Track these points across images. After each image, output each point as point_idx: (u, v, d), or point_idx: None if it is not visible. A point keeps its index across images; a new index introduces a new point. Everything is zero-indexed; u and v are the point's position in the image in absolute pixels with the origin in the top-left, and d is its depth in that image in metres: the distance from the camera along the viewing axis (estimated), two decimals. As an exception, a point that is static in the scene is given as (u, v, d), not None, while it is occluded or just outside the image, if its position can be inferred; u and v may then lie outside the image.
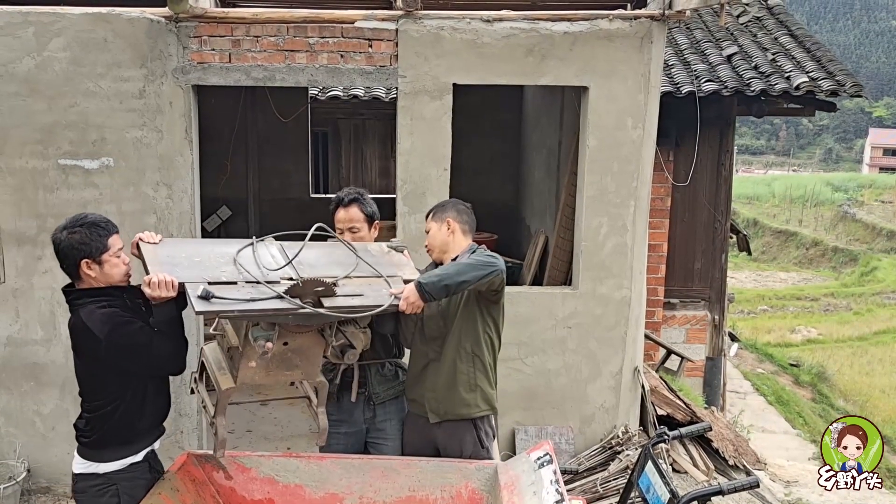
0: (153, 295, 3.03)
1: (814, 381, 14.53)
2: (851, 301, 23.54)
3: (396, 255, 3.72)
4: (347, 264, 3.44)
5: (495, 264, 3.58)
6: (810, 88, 8.26)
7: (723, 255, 9.41)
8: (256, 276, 3.13)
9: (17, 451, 5.58)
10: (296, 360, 3.25)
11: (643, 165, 5.72)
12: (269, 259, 3.30)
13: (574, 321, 5.83)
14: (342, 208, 3.91)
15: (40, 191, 5.41)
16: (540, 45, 5.47)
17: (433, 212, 3.95)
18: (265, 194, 9.93)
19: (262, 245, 3.40)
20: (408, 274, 3.54)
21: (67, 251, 3.13)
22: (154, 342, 3.11)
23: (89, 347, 3.10)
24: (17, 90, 5.29)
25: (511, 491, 3.31)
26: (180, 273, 3.07)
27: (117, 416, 3.18)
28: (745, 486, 3.84)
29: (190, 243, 3.64)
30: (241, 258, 3.25)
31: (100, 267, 3.15)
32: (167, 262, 3.14)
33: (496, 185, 10.25)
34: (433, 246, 3.87)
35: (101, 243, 3.15)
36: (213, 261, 3.21)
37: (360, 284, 3.35)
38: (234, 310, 2.95)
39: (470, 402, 3.76)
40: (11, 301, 5.50)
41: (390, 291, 3.36)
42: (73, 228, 3.14)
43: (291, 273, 3.23)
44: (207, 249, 3.31)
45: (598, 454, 5.84)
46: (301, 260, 3.32)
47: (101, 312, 3.08)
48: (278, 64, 5.41)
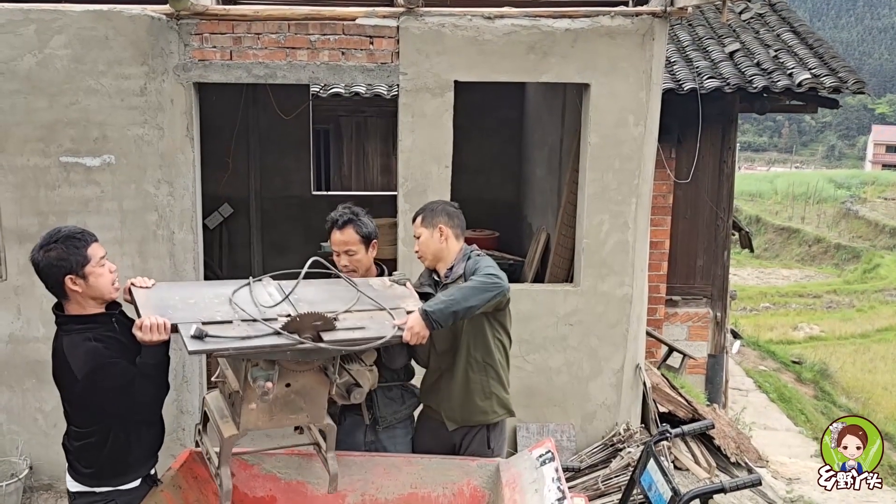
0: (144, 339, 2.92)
1: (816, 379, 14.52)
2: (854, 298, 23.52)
3: (399, 287, 3.61)
4: (348, 299, 3.33)
5: (500, 284, 3.47)
6: (813, 85, 8.25)
7: (725, 253, 9.40)
8: (253, 314, 3.03)
9: (19, 449, 5.59)
10: (300, 402, 3.14)
11: (645, 162, 5.71)
12: (267, 297, 3.22)
13: (575, 318, 5.83)
14: (336, 230, 3.77)
15: (42, 188, 5.41)
16: (541, 42, 5.46)
17: (422, 216, 3.81)
18: (267, 192, 9.92)
19: (258, 284, 3.32)
20: (411, 305, 3.43)
21: (48, 270, 3.00)
22: (135, 386, 3.00)
23: (66, 381, 3.02)
24: (19, 88, 5.29)
25: (513, 488, 3.31)
26: (173, 315, 2.98)
27: (106, 450, 3.09)
28: (747, 483, 3.84)
29: (184, 286, 3.59)
30: (237, 298, 3.15)
31: (84, 280, 3.02)
32: (160, 306, 3.04)
33: (497, 183, 10.24)
34: (425, 254, 3.78)
35: (80, 255, 3.01)
36: (208, 302, 3.12)
37: (361, 318, 3.23)
38: (229, 348, 2.85)
39: (486, 409, 3.75)
40: (13, 298, 5.51)
41: (393, 323, 3.24)
42: (48, 246, 3.00)
43: (289, 310, 3.12)
44: (203, 291, 3.24)
45: (600, 451, 5.84)
46: (300, 297, 3.23)
47: (84, 349, 2.97)
48: (279, 61, 5.41)
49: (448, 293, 3.42)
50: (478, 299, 3.38)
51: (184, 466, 3.48)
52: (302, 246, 9.66)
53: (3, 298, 5.51)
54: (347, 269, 3.73)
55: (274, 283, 3.38)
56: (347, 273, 3.72)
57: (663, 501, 3.72)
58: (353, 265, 3.75)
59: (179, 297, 3.14)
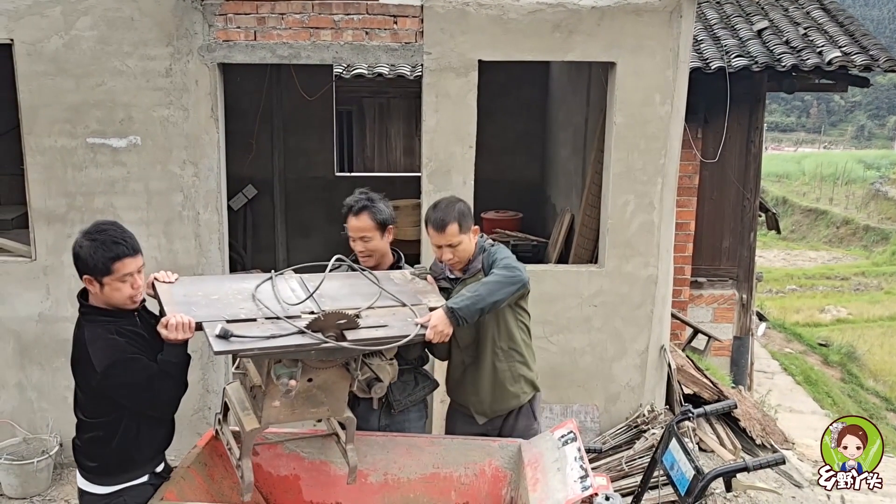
0: (170, 337, 2.91)
1: (843, 361, 14.37)
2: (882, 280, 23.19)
3: (420, 282, 3.60)
4: (370, 294, 3.33)
5: (521, 277, 3.48)
6: (843, 63, 8.11)
7: (751, 234, 9.30)
8: (276, 311, 3.04)
9: (49, 426, 5.68)
10: (321, 396, 3.15)
11: (671, 142, 5.65)
12: (289, 293, 3.22)
13: (600, 299, 5.80)
14: (352, 216, 3.73)
15: (69, 169, 5.46)
16: (567, 20, 5.40)
17: (456, 223, 3.59)
18: (290, 173, 9.95)
19: (281, 279, 3.32)
20: (433, 301, 3.41)
21: (76, 260, 2.98)
22: (155, 384, 2.97)
23: (84, 372, 2.99)
24: (46, 69, 5.33)
25: (535, 468, 3.31)
26: (197, 312, 2.99)
27: (114, 444, 3.05)
28: (770, 462, 3.81)
29: (207, 281, 3.56)
30: (259, 294, 3.16)
31: (100, 287, 2.96)
32: (183, 302, 3.05)
33: (522, 164, 10.20)
34: (462, 260, 3.67)
35: (103, 265, 2.93)
36: (231, 298, 3.13)
37: (383, 315, 3.22)
38: (254, 348, 2.85)
39: (518, 392, 3.77)
40: (42, 279, 5.58)
41: (416, 320, 3.23)
42: (87, 238, 2.95)
43: (312, 307, 3.13)
44: (226, 286, 3.25)
45: (624, 433, 5.83)
46: (322, 293, 3.23)
47: (106, 341, 2.93)
48: (303, 41, 5.40)
49: (472, 289, 3.39)
50: (502, 293, 3.39)
51: (209, 444, 3.53)
52: (325, 227, 9.71)
53: (32, 278, 5.58)
54: (363, 255, 3.74)
55: (296, 276, 3.38)
56: (363, 258, 3.73)
57: (686, 480, 3.71)
58: (368, 251, 3.74)
59: (202, 293, 3.14)
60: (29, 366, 5.70)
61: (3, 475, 5.42)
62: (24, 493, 5.40)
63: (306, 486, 3.65)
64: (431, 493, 3.60)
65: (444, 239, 3.59)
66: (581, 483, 3.01)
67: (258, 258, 9.71)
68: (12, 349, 5.68)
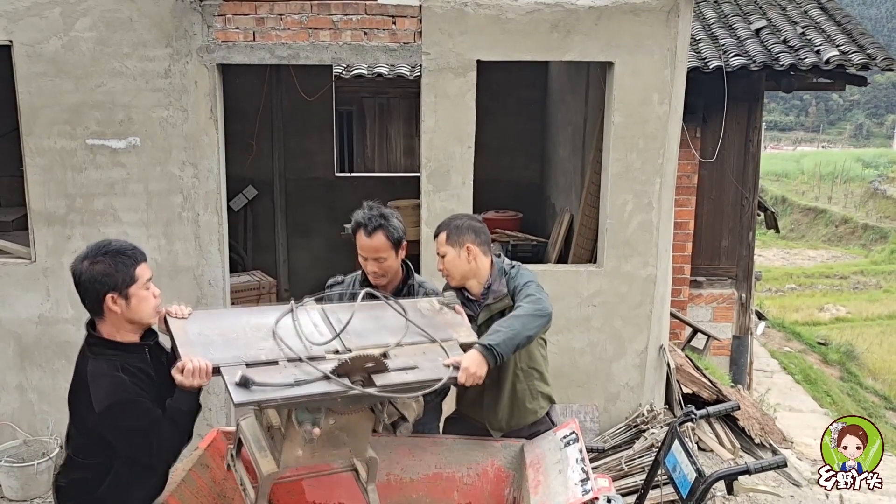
0: (185, 383, 2.70)
1: (842, 360, 14.38)
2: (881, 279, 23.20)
3: (449, 313, 3.38)
4: (397, 329, 3.11)
5: (549, 309, 3.37)
6: (840, 62, 8.12)
7: (750, 233, 9.31)
8: (299, 351, 2.85)
9: (50, 428, 5.68)
10: (343, 437, 2.96)
11: (669, 142, 5.66)
12: (312, 328, 3.02)
13: (599, 299, 5.81)
14: (365, 236, 3.52)
15: (69, 171, 5.46)
16: (565, 20, 5.41)
17: (446, 232, 3.58)
18: (290, 174, 9.94)
19: (302, 311, 3.11)
20: (464, 336, 3.23)
21: (89, 284, 2.73)
22: (156, 432, 2.74)
23: (81, 409, 2.77)
24: (45, 70, 5.33)
25: (537, 469, 3.31)
26: (214, 354, 2.78)
27: (102, 489, 2.82)
28: (771, 465, 3.81)
29: (223, 315, 3.28)
30: (280, 330, 2.95)
31: (126, 302, 2.76)
32: (199, 342, 2.82)
33: (521, 163, 10.20)
34: (452, 275, 3.58)
35: (127, 274, 2.75)
36: (250, 336, 2.92)
37: (413, 354, 3.02)
38: (277, 398, 2.67)
39: (535, 408, 3.72)
40: (42, 280, 5.58)
41: (447, 361, 3.05)
42: (94, 258, 2.74)
43: (337, 345, 2.94)
44: (243, 321, 3.01)
45: (623, 432, 5.83)
46: (344, 323, 3.05)
47: (109, 378, 2.71)
48: (302, 42, 5.40)
49: (506, 325, 3.26)
50: (535, 327, 3.30)
51: (211, 446, 3.52)
52: (325, 227, 9.72)
53: (32, 280, 5.59)
54: (376, 276, 3.58)
55: (318, 307, 3.18)
56: (375, 279, 3.59)
57: (687, 482, 3.71)
58: (381, 271, 3.57)
59: (219, 331, 2.92)
60: (29, 368, 5.70)
61: (3, 477, 5.41)
62: (24, 495, 5.40)
63: (309, 486, 3.64)
64: (434, 493, 3.60)
65: (436, 247, 3.59)
66: (582, 486, 3.01)
67: (258, 259, 9.71)
68: (13, 351, 5.68)
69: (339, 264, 9.47)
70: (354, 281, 3.76)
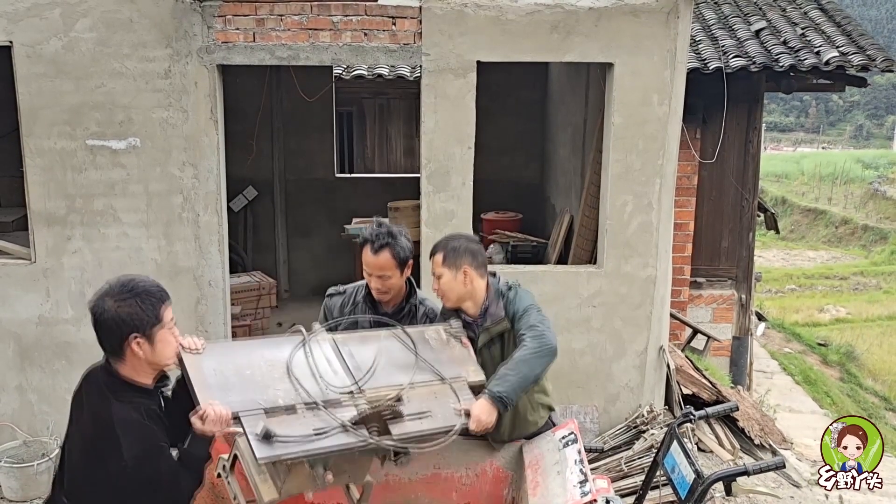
0: (205, 431, 2.63)
1: (842, 361, 14.37)
2: (881, 280, 23.19)
3: (456, 345, 3.43)
4: (407, 365, 3.17)
5: (553, 343, 3.33)
6: (840, 63, 8.12)
7: (750, 234, 9.31)
8: (314, 393, 2.88)
9: (49, 429, 5.68)
10: (344, 465, 2.98)
11: (669, 143, 5.66)
12: (325, 364, 3.05)
13: (599, 300, 5.81)
14: (371, 252, 3.52)
15: (69, 171, 5.46)
16: (564, 21, 5.41)
17: (443, 254, 3.53)
18: (290, 174, 9.94)
19: (315, 344, 3.12)
20: (472, 375, 3.28)
21: (114, 325, 2.59)
22: (177, 481, 2.66)
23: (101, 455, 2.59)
24: (45, 71, 5.33)
25: (535, 470, 3.31)
26: (233, 399, 2.74)
27: None
28: (770, 466, 3.82)
29: (237, 349, 3.18)
30: (295, 367, 2.97)
31: (150, 344, 2.63)
32: (217, 385, 2.78)
33: (521, 164, 10.20)
34: (448, 297, 3.55)
35: (154, 315, 2.63)
36: (266, 374, 2.91)
37: (424, 397, 3.08)
38: (298, 452, 2.70)
39: (536, 420, 3.70)
40: (42, 281, 5.58)
41: (459, 407, 3.13)
42: (122, 297, 2.60)
43: (348, 380, 3.01)
44: (257, 357, 2.99)
45: (623, 433, 5.84)
46: (357, 359, 3.10)
47: (138, 427, 2.58)
48: (302, 43, 5.41)
49: (514, 370, 3.25)
50: (541, 368, 3.32)
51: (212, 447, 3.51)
52: (325, 228, 9.73)
53: (32, 280, 5.59)
54: (379, 292, 3.60)
55: (328, 339, 3.20)
56: (378, 295, 3.61)
57: (686, 484, 3.71)
58: (385, 288, 3.59)
59: (234, 369, 2.89)
60: (29, 368, 5.70)
61: (3, 478, 5.42)
62: (24, 496, 5.40)
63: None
64: (433, 493, 3.60)
65: (431, 266, 3.55)
66: (580, 488, 3.02)
67: (258, 259, 9.71)
68: (12, 351, 5.68)
69: (339, 265, 9.54)
70: (356, 292, 3.76)
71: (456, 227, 5.62)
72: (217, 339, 5.67)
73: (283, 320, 8.69)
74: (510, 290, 3.59)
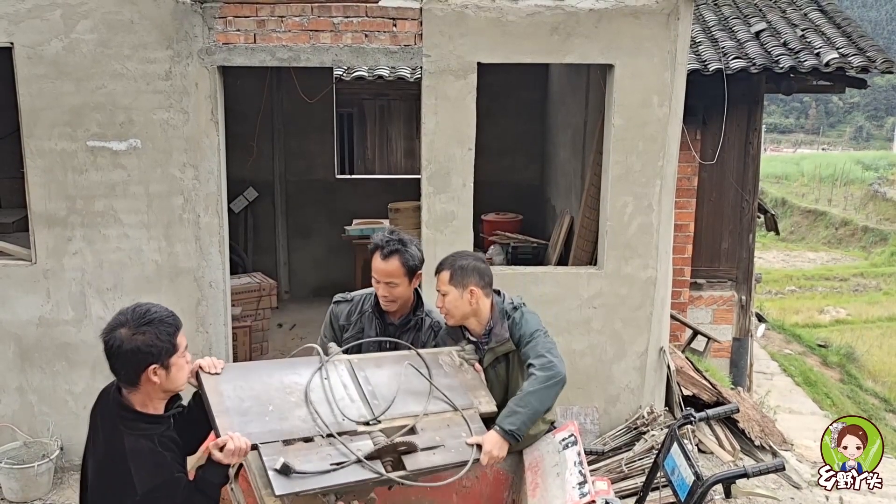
0: (223, 461, 2.64)
1: (842, 362, 14.38)
2: (881, 281, 23.20)
3: (469, 371, 3.44)
4: (421, 393, 3.20)
5: (562, 372, 3.38)
6: (840, 65, 8.12)
7: (750, 235, 9.31)
8: (330, 423, 2.91)
9: (50, 430, 5.69)
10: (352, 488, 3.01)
11: (669, 144, 5.66)
12: (342, 391, 3.08)
13: (599, 301, 5.81)
14: (380, 258, 3.50)
15: (69, 172, 5.47)
16: (565, 22, 5.42)
17: (450, 272, 3.50)
18: (291, 175, 9.95)
19: (331, 366, 3.16)
20: (483, 405, 3.30)
21: (131, 356, 2.57)
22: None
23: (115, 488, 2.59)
24: (46, 72, 5.34)
25: (535, 472, 3.32)
26: (252, 428, 2.76)
27: None
28: (770, 468, 3.81)
29: (254, 372, 3.12)
30: (312, 394, 3.00)
31: (167, 372, 2.63)
32: (234, 410, 2.80)
33: (521, 165, 10.21)
34: (452, 315, 3.53)
35: (170, 344, 2.63)
36: (283, 400, 2.94)
37: (437, 427, 3.12)
38: (315, 487, 2.74)
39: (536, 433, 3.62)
40: (42, 282, 5.59)
41: (470, 440, 3.17)
42: (138, 328, 2.58)
43: (364, 409, 3.03)
44: (275, 381, 3.01)
45: (624, 434, 5.84)
46: (373, 385, 3.13)
47: (151, 456, 2.57)
48: (303, 44, 5.41)
49: (524, 403, 3.29)
50: (551, 399, 3.37)
51: (211, 447, 3.52)
52: (326, 229, 9.73)
53: (32, 282, 5.59)
54: (386, 300, 3.58)
55: (345, 361, 3.23)
56: (385, 303, 3.59)
57: (686, 486, 3.72)
58: (392, 296, 3.56)
59: (253, 394, 2.90)
60: (29, 369, 5.70)
61: (3, 479, 5.42)
62: (24, 497, 5.41)
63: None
64: (432, 496, 3.59)
65: (437, 283, 3.52)
66: (579, 490, 3.03)
67: (259, 260, 9.71)
68: (13, 353, 5.68)
69: (339, 266, 9.54)
70: (363, 300, 3.74)
71: (456, 228, 5.63)
72: (217, 339, 5.68)
73: (284, 321, 8.70)
74: (515, 310, 3.57)
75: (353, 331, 3.67)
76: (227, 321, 5.82)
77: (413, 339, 3.67)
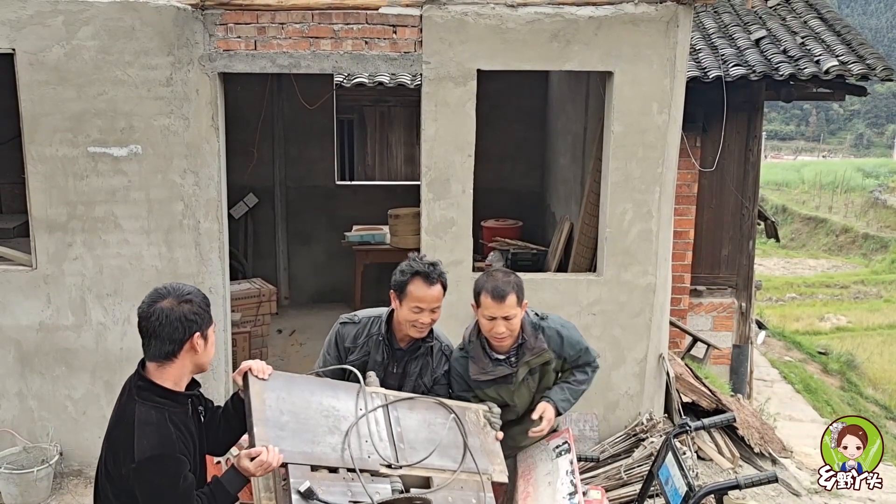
0: (251, 471, 2.67)
1: (842, 370, 14.36)
2: (882, 289, 23.18)
3: (491, 434, 3.44)
4: (445, 445, 3.21)
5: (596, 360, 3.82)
6: (840, 72, 8.14)
7: (750, 242, 9.31)
8: (356, 457, 2.94)
9: (49, 435, 5.69)
10: None
11: (669, 151, 5.68)
12: (374, 427, 3.11)
13: (598, 308, 5.82)
14: (427, 285, 3.41)
15: (70, 178, 5.48)
16: (564, 29, 5.44)
17: (516, 295, 3.42)
18: (291, 182, 9.96)
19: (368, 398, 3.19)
20: (497, 475, 3.29)
21: (178, 323, 2.59)
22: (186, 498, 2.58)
23: (117, 455, 2.58)
24: (47, 78, 5.36)
25: (527, 480, 3.32)
26: (285, 444, 2.80)
27: None
28: (762, 480, 3.78)
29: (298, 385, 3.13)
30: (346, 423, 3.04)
31: (205, 343, 2.67)
32: (273, 422, 2.84)
33: (521, 172, 10.22)
34: (514, 338, 3.51)
35: (209, 316, 2.70)
36: (319, 424, 2.99)
37: (452, 485, 3.11)
38: None
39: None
40: (42, 287, 5.59)
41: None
42: (180, 298, 2.62)
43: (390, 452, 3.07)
44: (315, 401, 3.06)
45: (623, 441, 5.83)
46: (402, 428, 3.16)
47: (157, 428, 2.55)
48: (303, 51, 5.43)
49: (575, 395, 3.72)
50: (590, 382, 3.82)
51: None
52: (326, 235, 9.74)
53: (33, 287, 5.60)
54: (422, 328, 3.49)
55: (381, 393, 3.27)
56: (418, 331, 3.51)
57: (679, 496, 3.71)
58: (431, 323, 3.50)
59: (292, 410, 2.95)
60: (29, 375, 5.70)
61: (3, 484, 5.42)
62: (24, 502, 5.40)
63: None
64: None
65: (502, 310, 3.38)
66: (569, 500, 3.04)
67: (259, 266, 9.72)
68: (13, 358, 5.69)
69: (339, 272, 9.54)
70: (370, 323, 3.66)
71: (456, 234, 5.64)
72: (218, 344, 5.68)
73: (283, 327, 8.70)
74: (542, 320, 3.66)
75: (359, 353, 3.61)
76: (227, 327, 5.83)
77: (423, 365, 3.63)
